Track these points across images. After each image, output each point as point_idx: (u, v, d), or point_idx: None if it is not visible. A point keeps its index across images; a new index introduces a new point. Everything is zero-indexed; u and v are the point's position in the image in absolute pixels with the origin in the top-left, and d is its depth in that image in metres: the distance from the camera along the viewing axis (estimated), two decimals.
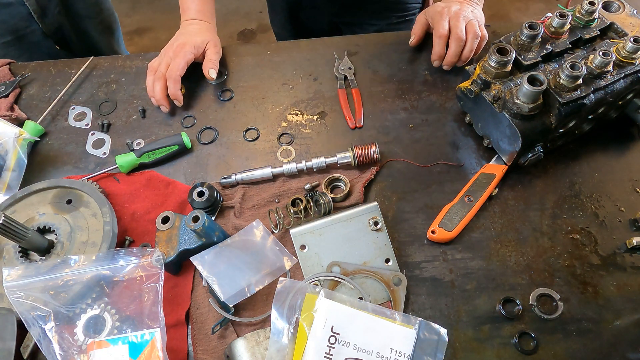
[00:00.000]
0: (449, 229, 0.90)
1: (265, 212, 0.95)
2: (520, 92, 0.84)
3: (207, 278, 0.82)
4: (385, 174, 1.00)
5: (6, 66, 1.22)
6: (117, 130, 1.11)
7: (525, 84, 0.82)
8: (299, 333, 0.75)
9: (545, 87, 0.83)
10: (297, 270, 0.88)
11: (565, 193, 0.96)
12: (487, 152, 1.00)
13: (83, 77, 1.21)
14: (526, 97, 0.84)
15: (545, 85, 0.82)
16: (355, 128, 1.07)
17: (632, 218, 0.92)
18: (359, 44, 1.22)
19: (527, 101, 0.84)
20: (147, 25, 3.28)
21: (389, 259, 0.88)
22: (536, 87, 0.82)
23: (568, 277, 0.87)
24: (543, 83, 0.82)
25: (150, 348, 0.73)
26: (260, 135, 1.08)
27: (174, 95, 1.08)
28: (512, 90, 0.88)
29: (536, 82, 0.83)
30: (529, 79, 0.82)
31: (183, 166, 1.05)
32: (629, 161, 0.99)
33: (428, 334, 0.76)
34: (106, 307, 0.78)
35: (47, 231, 0.90)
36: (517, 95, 0.85)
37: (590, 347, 0.80)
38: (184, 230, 0.87)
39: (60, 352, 0.73)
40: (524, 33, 0.90)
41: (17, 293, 0.74)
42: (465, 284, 0.87)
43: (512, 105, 0.86)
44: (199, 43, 1.12)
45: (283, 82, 1.17)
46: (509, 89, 0.88)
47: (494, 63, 0.89)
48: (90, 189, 0.94)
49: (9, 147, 1.00)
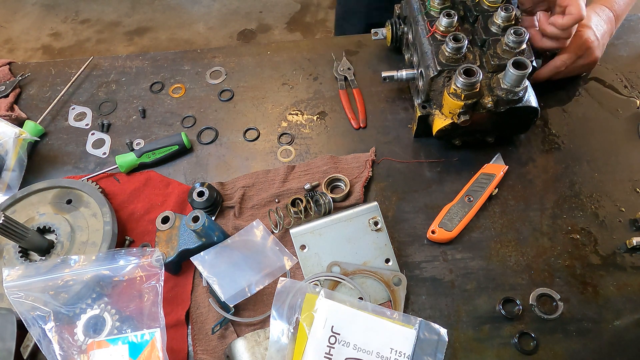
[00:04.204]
0: (449, 229, 0.90)
1: (265, 212, 0.95)
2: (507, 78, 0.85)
3: (207, 278, 0.82)
4: (385, 174, 1.00)
5: (6, 66, 1.22)
6: (117, 130, 1.11)
7: (511, 68, 0.82)
8: (299, 333, 0.75)
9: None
10: (297, 270, 0.88)
11: (565, 193, 0.96)
12: (487, 152, 1.00)
13: (83, 77, 1.21)
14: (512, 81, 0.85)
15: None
16: (359, 128, 1.07)
17: (632, 218, 0.92)
18: (359, 44, 1.22)
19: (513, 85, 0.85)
20: (147, 25, 3.28)
21: (389, 259, 0.88)
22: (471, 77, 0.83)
23: (568, 277, 0.87)
24: (477, 73, 0.84)
25: (150, 348, 0.73)
26: (260, 135, 1.08)
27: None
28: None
29: (521, 66, 0.83)
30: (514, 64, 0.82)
31: (183, 166, 1.05)
32: (629, 161, 0.99)
33: (428, 334, 0.76)
34: (106, 307, 0.78)
35: (47, 231, 0.90)
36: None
37: (590, 347, 0.80)
38: (184, 230, 0.87)
39: (60, 352, 0.73)
40: (449, 45, 0.88)
41: (17, 293, 0.74)
42: (465, 284, 0.87)
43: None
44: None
45: (283, 82, 1.17)
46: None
47: (462, 85, 0.85)
48: (90, 189, 0.94)
49: (9, 147, 1.00)
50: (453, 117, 0.90)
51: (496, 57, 0.89)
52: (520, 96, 0.87)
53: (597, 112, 1.06)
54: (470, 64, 0.85)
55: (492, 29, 0.92)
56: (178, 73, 1.20)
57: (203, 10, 3.31)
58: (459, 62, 0.90)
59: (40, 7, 3.46)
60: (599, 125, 1.04)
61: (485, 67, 0.90)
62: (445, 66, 0.90)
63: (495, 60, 0.89)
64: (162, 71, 1.21)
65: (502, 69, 0.87)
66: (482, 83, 0.88)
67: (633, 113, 1.05)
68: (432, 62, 0.91)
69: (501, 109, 0.88)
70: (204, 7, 3.32)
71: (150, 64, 1.22)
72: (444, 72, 0.90)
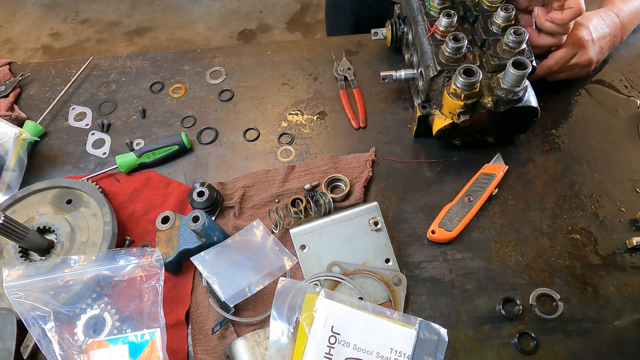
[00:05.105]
0: (449, 229, 0.90)
1: (265, 212, 0.95)
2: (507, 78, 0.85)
3: (207, 278, 0.82)
4: (385, 174, 1.00)
5: (6, 66, 1.22)
6: (117, 130, 1.11)
7: (510, 69, 0.83)
8: (299, 333, 0.75)
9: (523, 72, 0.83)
10: (297, 270, 0.88)
11: (565, 193, 0.96)
12: (487, 152, 1.00)
13: (83, 77, 1.21)
14: (512, 81, 0.85)
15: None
16: (359, 128, 1.07)
17: (632, 218, 0.91)
18: (359, 44, 1.22)
19: (513, 84, 0.85)
20: (147, 25, 3.28)
21: (389, 259, 0.88)
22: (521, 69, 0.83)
23: (568, 277, 0.87)
24: (476, 73, 0.84)
25: (150, 348, 0.73)
26: (260, 135, 1.08)
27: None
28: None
29: (520, 66, 0.83)
30: (514, 64, 0.83)
31: (183, 166, 1.05)
32: (629, 161, 0.99)
33: (428, 334, 0.76)
34: (106, 307, 0.78)
35: (47, 231, 0.90)
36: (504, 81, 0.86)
37: (590, 347, 0.80)
38: (184, 230, 0.87)
39: (60, 352, 0.73)
40: (449, 45, 0.88)
41: (17, 293, 0.74)
42: (465, 284, 0.87)
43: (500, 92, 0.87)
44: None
45: (283, 82, 1.17)
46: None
47: (461, 85, 0.85)
48: (90, 189, 0.94)
49: (9, 147, 1.00)
50: (453, 117, 0.90)
51: (496, 57, 0.89)
52: (520, 96, 0.87)
53: (597, 112, 1.06)
54: (470, 64, 0.85)
55: (492, 29, 0.92)
56: (178, 73, 1.20)
57: (203, 10, 3.31)
58: (459, 62, 0.90)
59: (40, 7, 3.46)
60: (599, 125, 1.04)
61: (485, 67, 0.90)
62: (445, 66, 0.90)
63: (495, 60, 0.89)
64: (162, 71, 1.21)
65: (502, 68, 0.87)
66: (482, 83, 0.88)
67: (633, 113, 1.05)
68: (432, 62, 0.91)
69: (501, 109, 0.88)
70: (204, 7, 3.32)
71: (150, 64, 1.22)
72: (443, 72, 0.90)
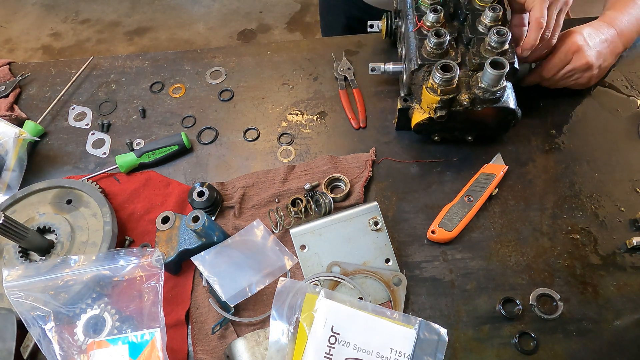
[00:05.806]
0: (449, 229, 0.90)
1: (265, 212, 0.95)
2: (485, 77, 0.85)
3: (208, 278, 0.82)
4: (385, 174, 1.00)
5: (6, 66, 1.22)
6: (117, 130, 1.11)
7: (489, 69, 0.83)
8: (299, 333, 0.75)
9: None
10: (297, 270, 0.89)
11: (565, 193, 0.96)
12: (487, 152, 1.00)
13: (83, 77, 1.21)
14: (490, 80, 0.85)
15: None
16: (359, 128, 1.07)
17: (632, 218, 0.91)
18: (359, 44, 1.22)
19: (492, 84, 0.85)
20: (147, 25, 3.28)
21: (389, 259, 0.88)
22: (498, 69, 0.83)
23: (568, 277, 0.87)
24: (454, 69, 0.84)
25: (150, 348, 0.73)
26: (260, 135, 1.08)
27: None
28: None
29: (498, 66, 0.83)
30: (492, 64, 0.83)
31: (183, 166, 1.05)
32: (629, 161, 0.99)
33: (428, 334, 0.76)
34: (106, 307, 0.78)
35: (47, 231, 0.90)
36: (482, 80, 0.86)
37: (590, 347, 0.80)
38: (184, 230, 0.87)
39: (60, 352, 0.73)
40: (431, 40, 0.89)
41: (17, 293, 0.74)
42: (465, 284, 0.87)
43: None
44: None
45: (283, 82, 1.17)
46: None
47: (439, 80, 0.86)
48: (90, 189, 0.94)
49: (9, 147, 1.00)
50: (430, 111, 0.90)
51: (478, 55, 0.89)
52: (498, 96, 0.87)
53: (597, 112, 1.06)
54: (449, 60, 0.86)
55: (479, 28, 0.92)
56: (178, 73, 1.20)
57: (203, 10, 3.31)
58: (441, 57, 0.90)
59: (40, 7, 3.46)
60: (599, 125, 1.04)
61: (467, 65, 0.90)
62: (426, 60, 0.90)
63: (476, 58, 0.89)
64: (162, 71, 1.21)
65: (483, 68, 0.87)
66: (461, 81, 0.88)
67: (633, 113, 1.05)
68: (415, 55, 0.92)
69: (478, 108, 0.89)
70: (204, 7, 3.32)
71: (150, 64, 1.22)
72: (424, 67, 0.90)
